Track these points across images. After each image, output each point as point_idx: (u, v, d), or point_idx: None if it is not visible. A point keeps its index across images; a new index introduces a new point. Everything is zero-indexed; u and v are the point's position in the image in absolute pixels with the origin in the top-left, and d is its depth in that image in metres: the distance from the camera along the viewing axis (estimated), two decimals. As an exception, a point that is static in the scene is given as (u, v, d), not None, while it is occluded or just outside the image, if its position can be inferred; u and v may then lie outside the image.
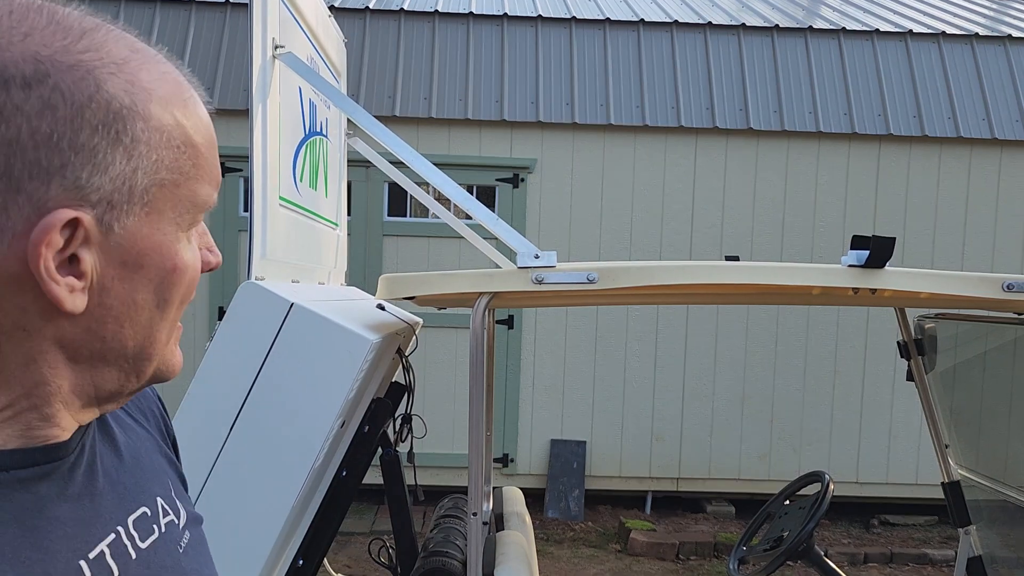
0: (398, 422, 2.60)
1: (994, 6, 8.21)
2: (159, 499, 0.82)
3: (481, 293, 1.91)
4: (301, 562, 2.21)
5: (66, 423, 0.69)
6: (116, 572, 0.71)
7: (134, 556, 0.74)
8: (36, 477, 0.66)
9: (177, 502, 0.85)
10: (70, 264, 0.64)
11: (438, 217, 2.63)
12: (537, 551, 3.12)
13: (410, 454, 2.61)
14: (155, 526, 0.79)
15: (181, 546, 0.82)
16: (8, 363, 0.64)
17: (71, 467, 0.70)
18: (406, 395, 2.57)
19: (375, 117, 2.27)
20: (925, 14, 7.66)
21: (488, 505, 2.83)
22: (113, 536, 0.72)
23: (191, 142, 0.69)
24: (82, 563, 0.67)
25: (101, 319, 0.67)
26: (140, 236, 0.67)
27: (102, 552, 0.70)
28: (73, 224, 0.63)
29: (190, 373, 2.04)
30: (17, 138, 0.60)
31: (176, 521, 0.83)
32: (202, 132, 0.71)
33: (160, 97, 0.67)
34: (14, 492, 0.64)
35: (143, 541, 0.76)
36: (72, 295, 0.64)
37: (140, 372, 0.72)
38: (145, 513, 0.78)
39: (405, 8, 6.80)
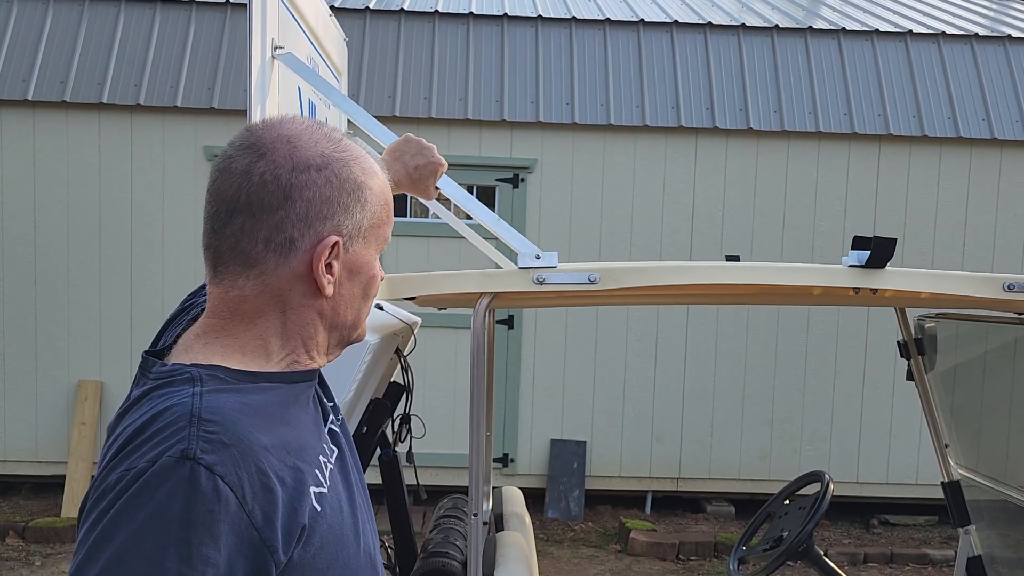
0: (397, 422, 2.60)
1: (994, 6, 8.21)
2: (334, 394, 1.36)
3: (482, 293, 1.91)
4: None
5: (320, 360, 1.21)
6: (340, 434, 1.27)
7: (341, 429, 1.29)
8: (304, 388, 1.19)
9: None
10: (327, 269, 1.14)
11: (438, 217, 2.63)
12: (537, 551, 3.12)
13: (409, 454, 2.60)
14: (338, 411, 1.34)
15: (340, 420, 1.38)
16: (294, 325, 1.16)
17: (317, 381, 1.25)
18: (405, 395, 2.57)
19: (375, 117, 2.27)
20: (925, 14, 7.66)
21: (488, 505, 2.83)
22: (332, 416, 1.28)
23: (388, 201, 1.22)
24: (326, 431, 1.23)
25: (338, 302, 1.17)
26: (359, 255, 1.18)
27: (331, 428, 1.25)
28: (334, 245, 1.13)
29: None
30: (313, 198, 1.12)
31: (338, 405, 1.37)
32: (388, 193, 1.22)
33: (375, 175, 1.19)
34: (297, 393, 1.16)
35: (340, 420, 1.32)
36: (328, 285, 1.14)
37: (352, 335, 1.24)
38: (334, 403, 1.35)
39: (405, 8, 6.80)
